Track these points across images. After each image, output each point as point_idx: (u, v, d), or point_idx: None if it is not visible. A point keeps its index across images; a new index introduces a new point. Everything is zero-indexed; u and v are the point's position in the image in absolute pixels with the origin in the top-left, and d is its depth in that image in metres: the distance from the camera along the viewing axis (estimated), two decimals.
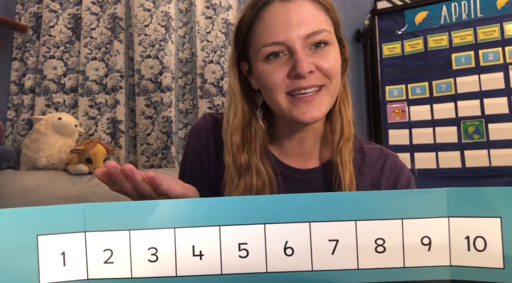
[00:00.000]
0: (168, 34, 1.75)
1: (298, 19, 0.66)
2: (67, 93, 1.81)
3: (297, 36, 0.65)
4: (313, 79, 0.66)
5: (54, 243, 0.41)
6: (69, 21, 1.85)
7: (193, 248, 0.41)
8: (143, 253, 0.41)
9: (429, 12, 1.62)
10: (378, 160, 0.77)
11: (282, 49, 0.66)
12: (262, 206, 0.42)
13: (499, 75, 1.48)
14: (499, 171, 1.43)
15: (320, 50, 0.67)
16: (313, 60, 0.66)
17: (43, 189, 1.54)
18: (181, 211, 0.42)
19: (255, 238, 0.41)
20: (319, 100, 0.67)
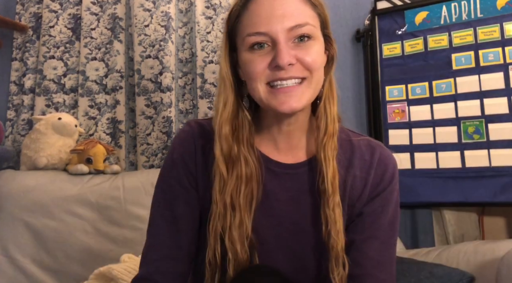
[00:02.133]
0: (168, 34, 1.75)
1: (282, 11, 0.67)
2: (67, 93, 1.81)
3: (280, 28, 0.67)
4: (293, 71, 0.68)
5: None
6: (69, 21, 1.85)
7: None
8: None
9: (429, 12, 1.62)
10: (366, 151, 0.78)
11: (265, 40, 0.68)
12: None
13: (499, 75, 1.48)
14: (499, 171, 1.43)
15: (303, 44, 0.69)
16: (295, 53, 0.68)
17: (43, 189, 1.54)
18: None
19: None
20: (299, 92, 0.69)
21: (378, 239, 0.75)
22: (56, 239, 1.49)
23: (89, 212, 1.51)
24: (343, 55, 1.81)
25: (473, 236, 1.58)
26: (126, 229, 1.48)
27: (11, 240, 1.50)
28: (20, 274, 1.49)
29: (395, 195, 0.78)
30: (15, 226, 1.51)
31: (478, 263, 1.18)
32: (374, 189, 0.76)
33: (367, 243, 0.74)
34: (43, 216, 1.51)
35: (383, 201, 0.77)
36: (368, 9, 1.75)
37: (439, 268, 1.16)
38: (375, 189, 0.77)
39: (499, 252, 1.14)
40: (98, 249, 1.47)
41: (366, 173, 0.76)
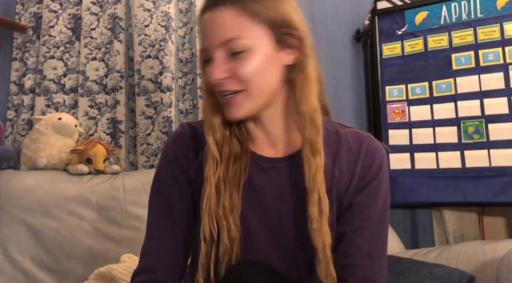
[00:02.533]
0: (168, 34, 1.75)
1: (216, 26, 0.71)
2: (67, 93, 1.81)
3: (212, 44, 0.71)
4: (227, 85, 0.71)
5: None
6: (69, 21, 1.85)
7: None
8: None
9: (429, 12, 1.62)
10: (354, 143, 0.79)
11: (208, 56, 0.73)
12: None
13: (499, 75, 1.48)
14: (499, 171, 1.43)
15: (238, 56, 0.71)
16: (230, 66, 0.71)
17: (43, 189, 1.54)
18: None
19: None
20: (236, 103, 0.72)
21: (368, 229, 0.75)
22: (56, 239, 1.49)
23: (89, 212, 1.51)
24: (343, 55, 1.81)
25: (473, 236, 1.58)
26: (126, 229, 1.48)
27: (11, 240, 1.50)
28: (20, 274, 1.49)
29: (383, 186, 0.78)
30: (15, 226, 1.51)
31: (478, 263, 1.18)
32: (361, 180, 0.77)
33: (357, 234, 0.75)
34: (43, 216, 1.51)
35: (371, 192, 0.77)
36: (368, 9, 1.75)
37: (439, 268, 1.16)
38: (362, 180, 0.77)
39: (499, 252, 1.14)
40: (98, 249, 1.47)
41: (354, 164, 0.77)
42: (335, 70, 1.79)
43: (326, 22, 1.81)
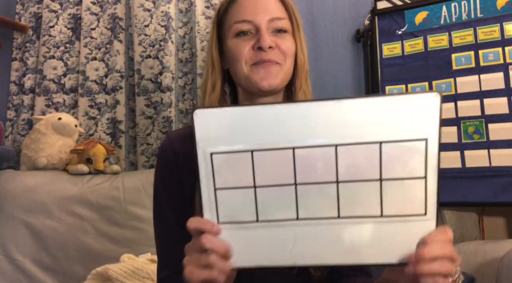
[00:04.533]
0: (168, 34, 1.75)
1: (265, 6, 0.80)
2: (67, 93, 1.81)
3: (263, 18, 0.79)
4: (272, 54, 0.78)
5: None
6: (69, 21, 1.85)
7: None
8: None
9: (429, 12, 1.62)
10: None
11: (249, 28, 0.79)
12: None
13: (499, 75, 1.48)
14: (499, 171, 1.43)
15: (280, 34, 0.80)
16: (274, 39, 0.79)
17: (43, 189, 1.54)
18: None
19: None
20: (275, 71, 0.78)
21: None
22: (56, 239, 1.49)
23: (89, 212, 1.51)
24: (343, 55, 1.81)
25: (473, 236, 1.58)
26: (126, 229, 1.48)
27: (11, 240, 1.50)
28: (20, 274, 1.49)
29: None
30: (15, 226, 1.51)
31: (478, 263, 1.18)
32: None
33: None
34: (43, 216, 1.51)
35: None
36: (368, 9, 1.75)
37: None
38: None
39: (499, 252, 1.14)
40: (98, 249, 1.47)
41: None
42: (335, 70, 1.79)
43: (326, 22, 1.81)
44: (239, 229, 0.54)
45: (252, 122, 0.51)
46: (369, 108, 0.49)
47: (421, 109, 0.49)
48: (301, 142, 0.51)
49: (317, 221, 0.53)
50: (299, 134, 0.51)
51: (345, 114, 0.50)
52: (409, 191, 0.51)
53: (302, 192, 0.52)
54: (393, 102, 0.49)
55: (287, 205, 0.53)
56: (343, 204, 0.52)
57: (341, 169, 0.51)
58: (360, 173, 0.51)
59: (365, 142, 0.50)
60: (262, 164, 0.52)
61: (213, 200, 0.54)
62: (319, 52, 1.80)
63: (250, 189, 0.53)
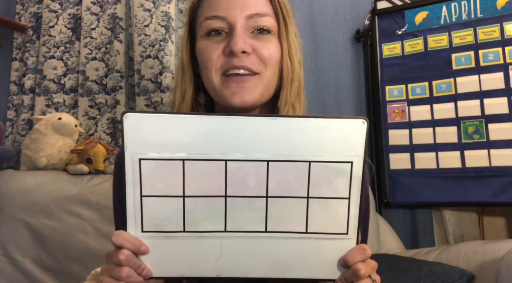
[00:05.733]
0: (168, 34, 1.75)
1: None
2: (67, 93, 1.81)
3: (239, 14, 0.65)
4: (248, 61, 0.65)
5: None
6: (69, 21, 1.85)
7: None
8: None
9: (429, 12, 1.62)
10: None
11: (222, 26, 0.66)
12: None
13: (499, 75, 1.48)
14: (499, 171, 1.43)
15: (262, 36, 0.66)
16: (252, 43, 0.65)
17: (43, 189, 1.54)
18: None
19: None
20: (251, 84, 0.65)
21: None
22: (56, 239, 1.49)
23: (89, 212, 1.51)
24: (343, 55, 1.81)
25: (473, 236, 1.58)
26: None
27: (11, 240, 1.50)
28: (20, 274, 1.48)
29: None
30: (15, 226, 1.51)
31: (478, 263, 1.18)
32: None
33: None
34: (43, 216, 1.51)
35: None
36: (368, 9, 1.75)
37: (439, 266, 1.16)
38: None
39: (499, 252, 1.14)
40: (98, 249, 1.47)
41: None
42: (335, 70, 1.79)
43: (326, 22, 1.81)
44: (164, 238, 0.54)
45: (186, 131, 0.50)
46: (302, 128, 0.51)
47: (348, 133, 0.51)
48: (234, 155, 0.51)
49: (245, 234, 0.53)
50: (233, 147, 0.51)
51: (279, 132, 0.50)
52: (333, 210, 0.53)
53: (232, 204, 0.52)
54: (324, 124, 0.51)
55: (215, 216, 0.53)
56: (270, 218, 0.53)
57: (271, 185, 0.52)
58: (289, 189, 0.52)
59: (295, 160, 0.51)
60: (193, 174, 0.51)
61: (139, 207, 0.52)
62: (319, 52, 1.80)
63: (178, 198, 0.52)
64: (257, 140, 0.51)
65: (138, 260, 0.53)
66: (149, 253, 0.54)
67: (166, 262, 0.55)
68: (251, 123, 0.50)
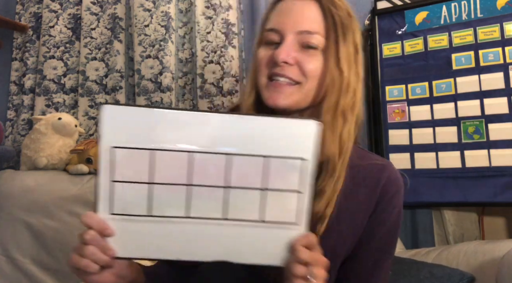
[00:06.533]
0: (168, 34, 1.75)
1: (297, 16, 0.73)
2: (67, 93, 1.81)
3: (290, 29, 0.72)
4: (288, 71, 0.72)
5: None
6: (69, 21, 1.85)
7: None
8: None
9: (429, 12, 1.62)
10: (373, 172, 0.76)
11: (276, 38, 0.74)
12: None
13: (499, 75, 1.47)
14: (499, 171, 1.43)
15: (308, 51, 0.72)
16: (297, 55, 0.72)
17: (43, 189, 1.54)
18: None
19: None
20: (289, 91, 0.72)
21: (363, 260, 0.74)
22: (56, 239, 1.49)
23: None
24: None
25: (473, 236, 1.58)
26: None
27: (11, 240, 1.50)
28: (20, 274, 1.49)
29: (391, 218, 0.76)
30: (15, 226, 1.51)
31: (478, 263, 1.18)
32: (375, 207, 0.75)
33: (352, 263, 0.75)
34: (43, 216, 1.51)
35: (377, 220, 0.75)
36: (368, 9, 1.75)
37: (439, 268, 1.16)
38: (376, 207, 0.75)
39: (499, 252, 1.14)
40: None
41: (372, 193, 0.75)
42: None
43: None
44: (131, 221, 0.58)
45: (156, 124, 0.55)
46: (260, 126, 0.56)
47: (302, 133, 0.56)
48: (198, 147, 0.56)
49: (205, 221, 0.58)
50: (198, 140, 0.56)
51: (239, 129, 0.56)
52: (286, 202, 0.58)
53: (195, 193, 0.57)
54: (280, 123, 0.57)
55: (179, 203, 0.57)
56: (229, 207, 0.58)
57: (231, 177, 0.57)
58: (247, 181, 0.57)
59: (254, 154, 0.56)
60: (160, 163, 0.56)
61: (110, 191, 0.57)
62: None
63: (145, 185, 0.57)
64: (219, 135, 0.56)
65: (103, 241, 0.57)
66: (115, 235, 0.58)
67: (131, 244, 0.59)
68: (215, 120, 0.56)
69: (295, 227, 0.59)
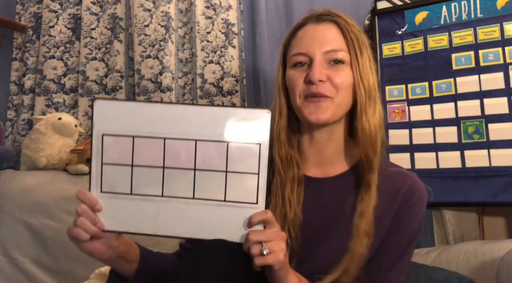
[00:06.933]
0: (168, 34, 1.75)
1: (322, 38, 0.83)
2: (67, 93, 1.81)
3: (317, 51, 0.82)
4: (323, 88, 0.81)
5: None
6: (69, 21, 1.85)
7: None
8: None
9: (429, 12, 1.62)
10: (397, 181, 0.85)
11: (305, 60, 0.83)
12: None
13: (499, 75, 1.47)
14: (499, 171, 1.42)
15: (336, 66, 0.82)
16: (327, 72, 0.81)
17: (43, 189, 1.54)
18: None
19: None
20: (325, 105, 0.81)
21: (381, 265, 0.80)
22: (56, 239, 1.49)
23: None
24: None
25: (473, 236, 1.58)
26: None
27: (11, 240, 1.50)
28: (20, 274, 1.49)
29: (411, 225, 0.83)
30: (15, 226, 1.51)
31: (478, 263, 1.18)
32: (395, 215, 0.82)
33: (370, 264, 0.79)
34: (43, 216, 1.51)
35: (398, 225, 0.82)
36: (368, 9, 1.75)
37: (438, 272, 1.16)
38: (396, 214, 0.82)
39: (499, 252, 1.14)
40: None
41: (393, 201, 0.83)
42: None
43: None
44: (116, 198, 0.68)
45: (137, 115, 0.65)
46: (222, 115, 0.65)
47: (257, 120, 0.65)
48: (171, 134, 0.65)
49: (177, 200, 0.67)
50: (170, 128, 0.65)
51: (205, 118, 0.65)
52: (246, 183, 0.66)
53: (168, 174, 0.66)
54: (239, 113, 0.65)
55: (155, 183, 0.66)
56: (197, 188, 0.66)
57: (198, 160, 0.65)
58: (212, 164, 0.66)
59: (217, 140, 0.65)
60: (140, 148, 0.66)
61: (100, 172, 0.68)
62: None
63: (128, 167, 0.67)
64: (188, 124, 0.65)
65: (93, 215, 0.67)
66: (104, 210, 0.68)
67: (117, 219, 0.68)
68: (184, 111, 0.65)
69: (255, 207, 0.66)
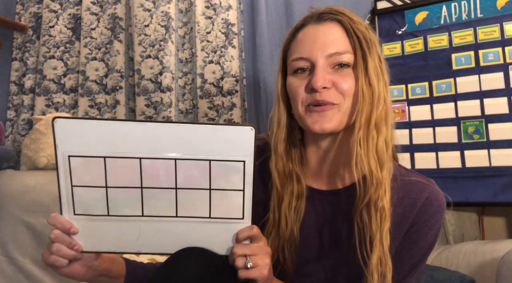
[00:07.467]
0: (168, 34, 1.75)
1: (324, 40, 0.74)
2: (67, 93, 1.81)
3: (320, 54, 0.73)
4: (327, 95, 0.73)
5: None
6: (69, 21, 1.85)
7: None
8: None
9: (429, 12, 1.62)
10: (414, 191, 0.78)
11: (306, 65, 0.75)
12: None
13: (499, 75, 1.47)
14: (499, 171, 1.43)
15: (341, 70, 0.74)
16: (332, 78, 0.73)
17: (43, 189, 1.54)
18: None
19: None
20: (330, 113, 0.73)
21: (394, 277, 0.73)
22: None
23: None
24: None
25: (473, 236, 1.58)
26: None
27: (11, 240, 1.50)
28: (20, 274, 1.49)
29: (427, 238, 0.77)
30: (15, 226, 1.51)
31: (478, 263, 1.18)
32: (410, 226, 0.76)
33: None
34: (43, 216, 1.51)
35: (412, 238, 0.76)
36: (368, 9, 1.75)
37: (439, 271, 1.16)
38: (411, 226, 0.76)
39: (499, 252, 1.14)
40: None
41: (409, 212, 0.76)
42: None
43: None
44: (93, 220, 0.65)
45: (107, 134, 0.61)
46: (202, 133, 0.61)
47: (241, 138, 0.62)
48: (148, 154, 0.61)
49: (159, 219, 0.65)
50: (146, 147, 0.61)
51: (184, 135, 0.61)
52: (231, 199, 0.64)
53: (147, 194, 0.63)
54: (220, 130, 0.62)
55: (134, 204, 0.64)
56: (180, 206, 0.64)
57: (179, 179, 0.63)
58: (194, 182, 0.63)
59: (199, 158, 0.62)
60: (114, 169, 0.62)
61: (70, 195, 0.63)
62: None
63: (102, 188, 0.63)
64: (166, 142, 0.61)
65: (69, 238, 0.64)
66: (80, 232, 0.65)
67: (95, 240, 0.66)
68: (160, 128, 0.61)
69: (241, 222, 0.66)
